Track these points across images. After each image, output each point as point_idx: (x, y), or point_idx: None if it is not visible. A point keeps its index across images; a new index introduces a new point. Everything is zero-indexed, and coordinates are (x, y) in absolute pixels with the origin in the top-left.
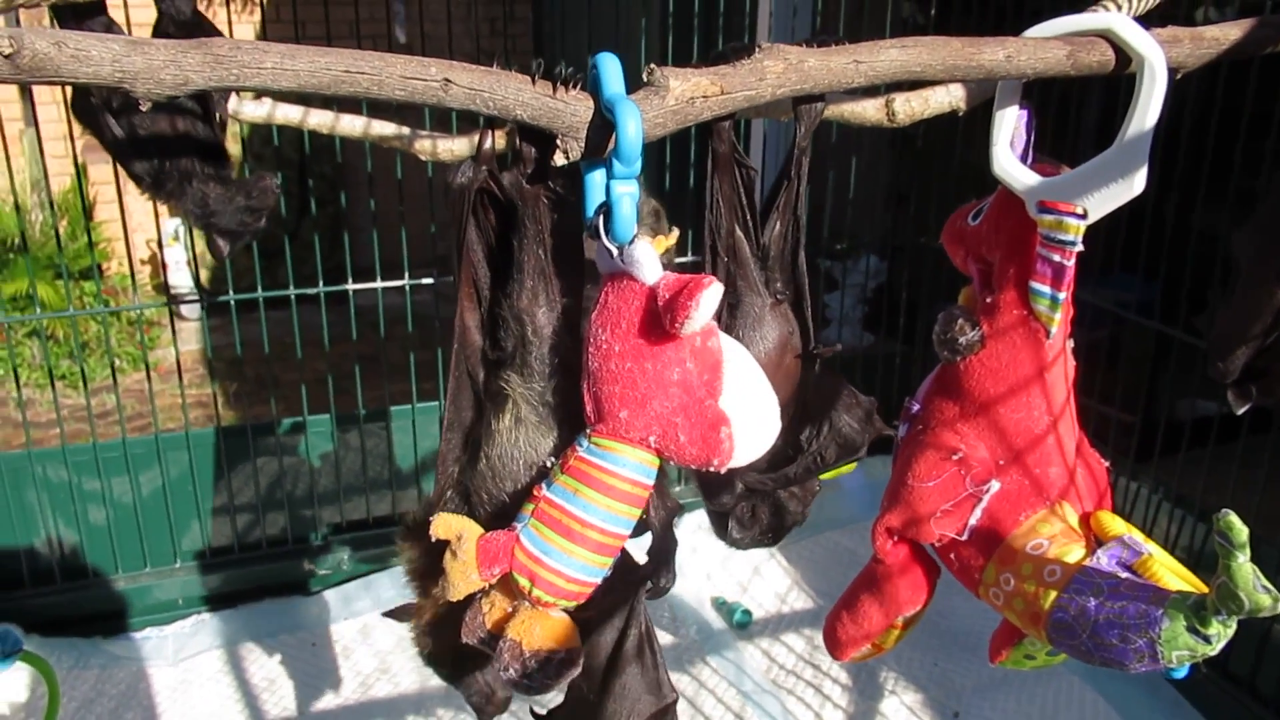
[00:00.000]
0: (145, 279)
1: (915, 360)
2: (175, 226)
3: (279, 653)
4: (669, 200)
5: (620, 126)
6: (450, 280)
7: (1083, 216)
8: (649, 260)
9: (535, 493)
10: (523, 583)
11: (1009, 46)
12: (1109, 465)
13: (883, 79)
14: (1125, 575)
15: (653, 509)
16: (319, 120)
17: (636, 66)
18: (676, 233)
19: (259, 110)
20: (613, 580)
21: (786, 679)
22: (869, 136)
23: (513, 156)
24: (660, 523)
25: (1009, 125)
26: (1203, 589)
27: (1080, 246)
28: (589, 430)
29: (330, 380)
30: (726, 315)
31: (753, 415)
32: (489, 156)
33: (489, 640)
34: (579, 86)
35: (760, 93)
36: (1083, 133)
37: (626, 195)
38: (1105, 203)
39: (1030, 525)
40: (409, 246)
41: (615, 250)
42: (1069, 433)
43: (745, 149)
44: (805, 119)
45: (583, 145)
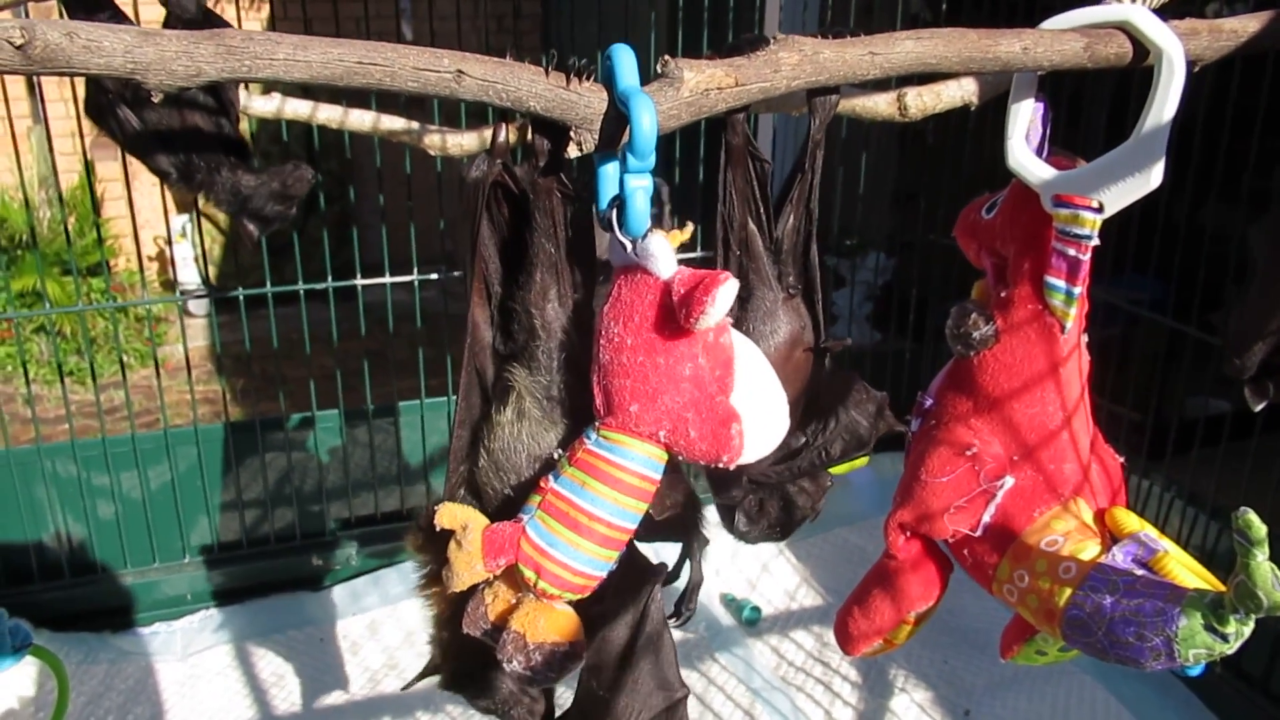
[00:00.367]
0: (152, 275)
1: (924, 357)
2: (183, 223)
3: (287, 648)
4: (678, 194)
5: (635, 120)
6: (459, 276)
7: (1099, 210)
8: (664, 254)
9: (542, 485)
10: (528, 574)
11: (1026, 38)
12: (1123, 461)
13: (898, 71)
14: (1141, 572)
15: (672, 504)
16: (328, 115)
17: (645, 60)
18: (691, 227)
19: (268, 105)
20: (625, 576)
21: (796, 676)
22: (876, 133)
23: (523, 151)
24: (684, 521)
25: (1024, 118)
26: (1219, 587)
27: (1096, 241)
28: (598, 423)
29: (339, 376)
30: (738, 308)
31: (763, 412)
32: (503, 150)
33: (491, 632)
34: (592, 78)
35: (775, 84)
36: (1093, 128)
37: (640, 189)
38: (1122, 197)
39: (1045, 521)
40: (417, 242)
41: (629, 244)
42: (1083, 428)
43: None
44: (819, 111)
45: (596, 138)
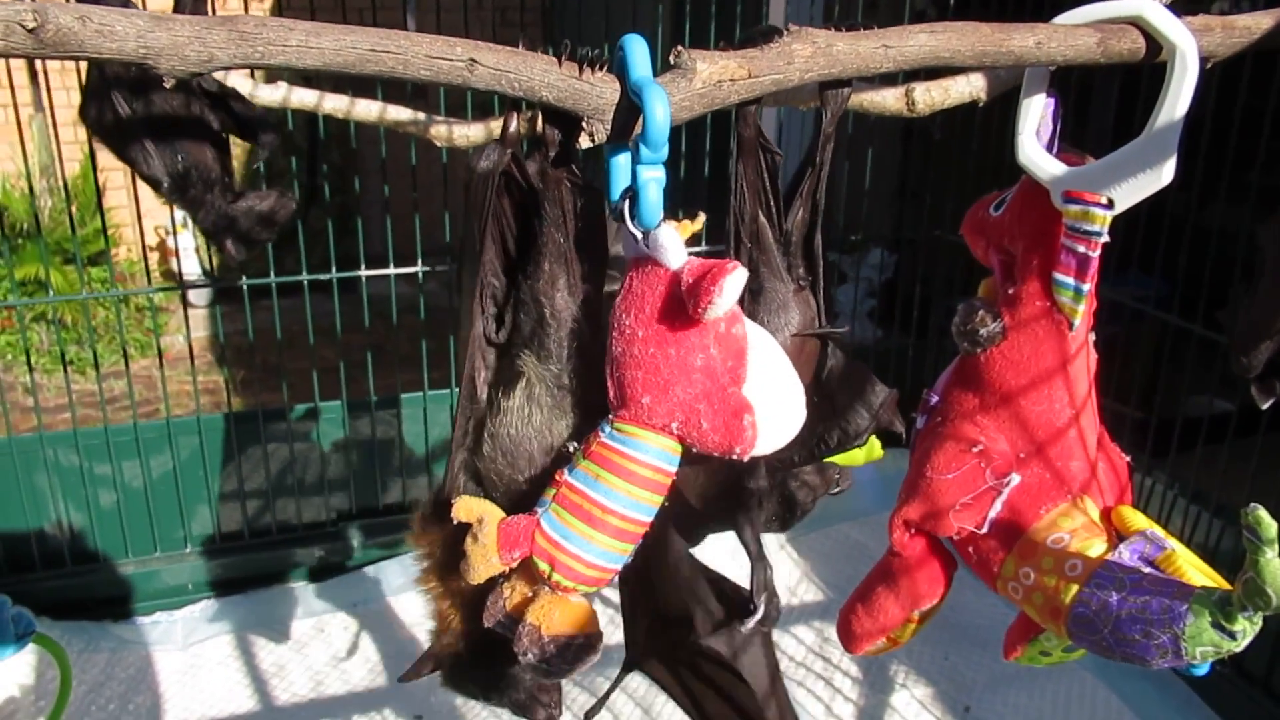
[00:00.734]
0: (153, 265)
1: (928, 354)
2: (184, 214)
3: (288, 638)
4: (683, 188)
5: (648, 111)
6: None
7: (1109, 207)
8: (674, 245)
9: (557, 477)
10: (542, 567)
11: (1039, 33)
12: (1130, 459)
13: (911, 64)
14: (1148, 570)
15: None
16: (334, 105)
17: (651, 52)
18: (703, 218)
19: (274, 94)
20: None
21: (796, 671)
22: (880, 128)
23: (530, 142)
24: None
25: (1035, 114)
26: (1224, 585)
27: (1106, 237)
28: (611, 416)
29: (343, 367)
30: (750, 301)
31: (777, 403)
32: (514, 141)
33: (510, 625)
34: (605, 69)
35: (788, 76)
36: (1101, 124)
37: (653, 180)
38: (1133, 193)
39: (1051, 519)
40: (422, 234)
41: (640, 235)
42: (1090, 426)
43: None
44: (831, 105)
45: (608, 128)
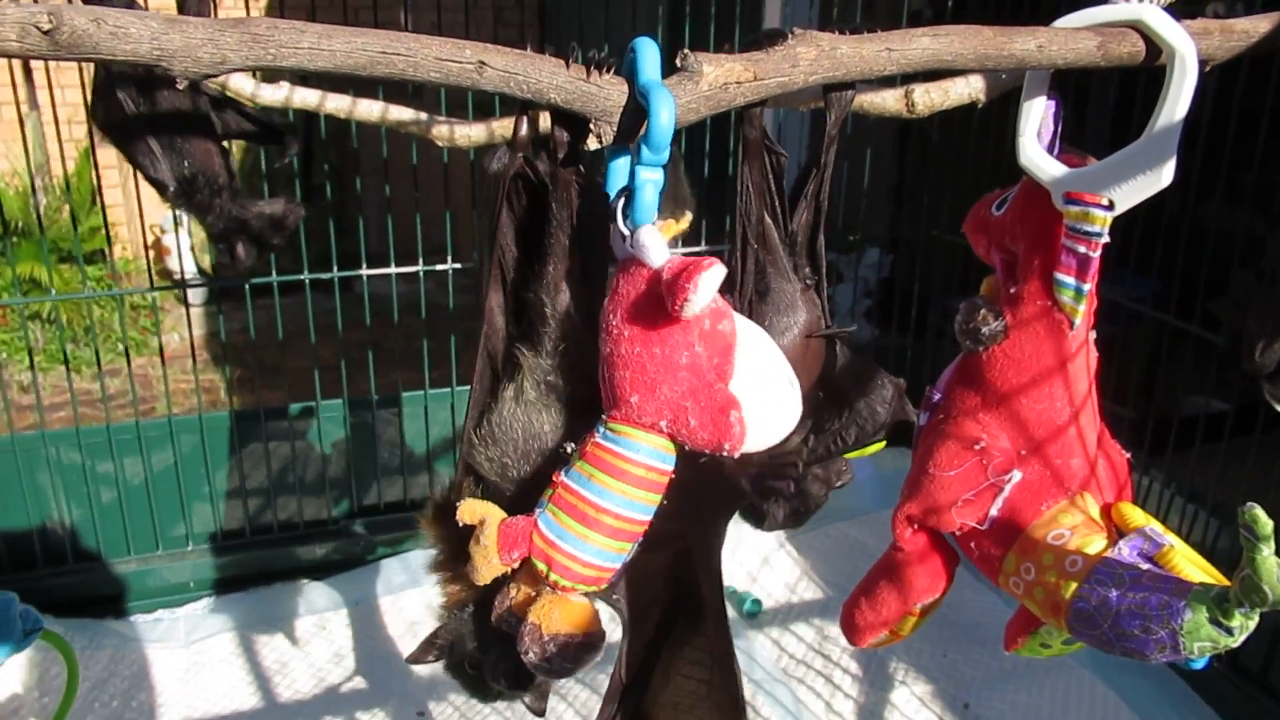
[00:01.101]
0: (144, 265)
1: (925, 353)
2: (180, 212)
3: (290, 636)
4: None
5: (653, 114)
6: (461, 267)
7: (1109, 208)
8: (655, 244)
9: (554, 478)
10: (540, 567)
11: (1040, 36)
12: (1129, 457)
13: (914, 68)
14: (1147, 566)
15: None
16: (336, 105)
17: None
18: (689, 218)
19: (277, 94)
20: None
21: (797, 668)
22: (876, 128)
23: (535, 142)
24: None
25: (1036, 116)
26: (1222, 581)
27: (1106, 238)
28: (605, 416)
29: (344, 366)
30: (758, 301)
31: (766, 399)
32: (524, 144)
33: (515, 625)
34: (612, 71)
35: (793, 79)
36: (1098, 125)
37: (651, 182)
38: (1133, 194)
39: (1051, 515)
40: (422, 233)
41: (628, 234)
42: (1090, 424)
43: None
44: (835, 107)
45: (615, 130)
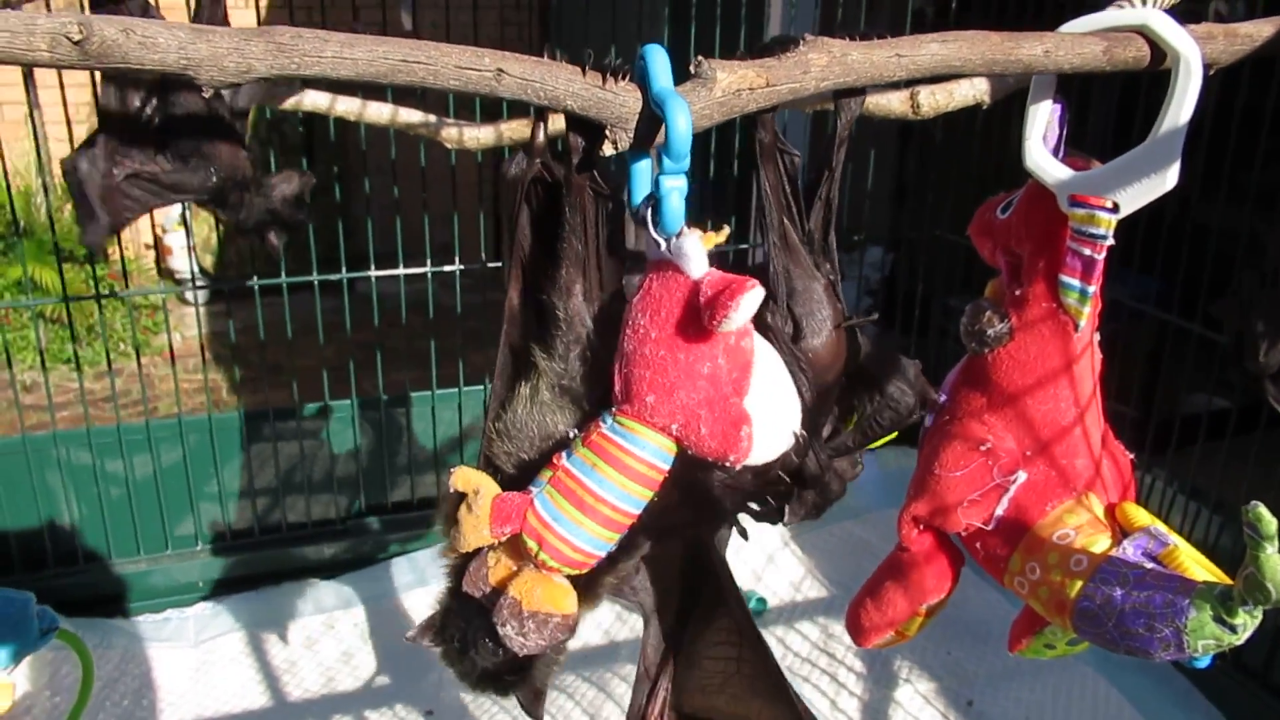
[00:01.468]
0: (149, 264)
1: (928, 352)
2: (179, 211)
3: (299, 635)
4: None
5: (670, 123)
6: (467, 269)
7: (1114, 211)
8: (697, 254)
9: (555, 461)
10: (530, 545)
11: (1047, 41)
12: (1133, 457)
13: (923, 73)
14: (1151, 565)
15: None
16: (346, 108)
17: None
18: (727, 230)
19: (290, 97)
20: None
21: (801, 667)
22: (878, 127)
23: (552, 145)
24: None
25: (1042, 120)
26: (1225, 580)
27: (1111, 240)
28: (614, 409)
29: (352, 366)
30: (789, 300)
31: (774, 419)
32: (541, 150)
33: (489, 595)
34: (627, 78)
35: (804, 85)
36: (1100, 128)
37: (675, 189)
38: (1138, 197)
39: (1057, 515)
40: (429, 234)
41: (663, 242)
42: (1095, 424)
43: None
44: (845, 111)
45: (631, 136)
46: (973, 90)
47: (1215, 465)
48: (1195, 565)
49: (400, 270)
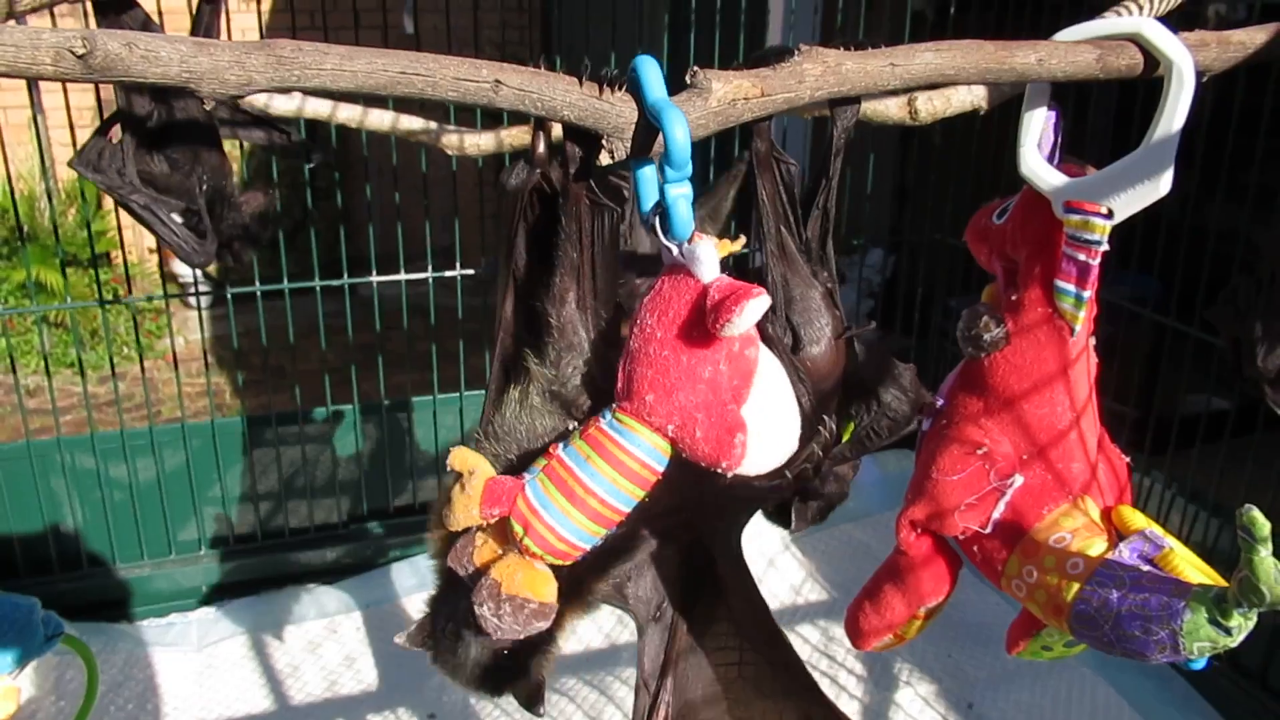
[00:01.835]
0: (152, 268)
1: (928, 354)
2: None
3: (302, 639)
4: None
5: (668, 133)
6: (468, 274)
7: (1109, 216)
8: (709, 259)
9: (550, 450)
10: (516, 529)
11: (1041, 50)
12: (1129, 460)
13: (917, 82)
14: (1147, 568)
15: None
16: (348, 115)
17: (657, 53)
18: (743, 239)
19: (289, 104)
20: None
21: None
22: (878, 132)
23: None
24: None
25: (1037, 127)
26: (1221, 582)
27: (1106, 246)
28: (614, 405)
29: (354, 370)
30: (786, 309)
31: (770, 430)
32: (542, 160)
33: (472, 574)
34: (623, 88)
35: (799, 94)
36: (1097, 134)
37: (681, 197)
38: (1132, 203)
39: (1053, 519)
40: (430, 238)
41: (675, 247)
42: (1091, 428)
43: None
44: (841, 120)
45: (628, 146)
46: (970, 96)
47: (1213, 466)
48: (1190, 568)
49: (402, 276)
